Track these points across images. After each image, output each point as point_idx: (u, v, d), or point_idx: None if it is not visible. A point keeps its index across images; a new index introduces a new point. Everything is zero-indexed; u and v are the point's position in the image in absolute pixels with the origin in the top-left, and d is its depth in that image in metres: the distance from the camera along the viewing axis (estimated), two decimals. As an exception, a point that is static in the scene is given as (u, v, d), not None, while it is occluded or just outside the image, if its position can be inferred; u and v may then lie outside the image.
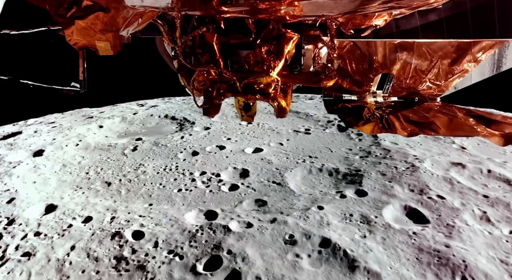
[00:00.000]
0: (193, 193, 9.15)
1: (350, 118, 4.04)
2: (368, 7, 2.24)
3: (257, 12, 2.34)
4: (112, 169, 10.10)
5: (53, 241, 8.09)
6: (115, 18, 2.50)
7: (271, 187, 9.01)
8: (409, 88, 3.87)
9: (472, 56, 3.51)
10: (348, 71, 3.89)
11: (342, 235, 7.65)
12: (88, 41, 2.77)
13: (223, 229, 7.34)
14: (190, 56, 2.82)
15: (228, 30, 2.75)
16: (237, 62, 2.87)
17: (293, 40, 2.71)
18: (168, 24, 2.86)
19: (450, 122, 3.61)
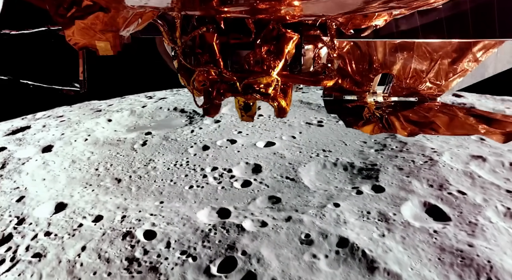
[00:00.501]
0: (205, 190, 9.28)
1: (350, 118, 4.05)
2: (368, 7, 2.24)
3: (257, 12, 2.35)
4: (121, 165, 9.98)
5: (63, 241, 8.14)
6: (115, 18, 2.50)
7: (284, 183, 8.78)
8: (409, 88, 3.89)
9: (472, 56, 3.53)
10: (348, 71, 3.90)
11: (360, 234, 7.55)
12: (88, 41, 2.74)
13: (237, 229, 7.15)
14: (190, 56, 2.86)
15: (228, 30, 2.77)
16: (237, 62, 2.89)
17: (293, 40, 2.74)
18: (168, 24, 2.88)
19: (450, 121, 3.62)
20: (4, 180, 10.05)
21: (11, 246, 7.68)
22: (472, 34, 2.76)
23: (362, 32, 2.88)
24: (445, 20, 2.76)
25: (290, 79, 2.90)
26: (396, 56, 3.64)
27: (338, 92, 4.08)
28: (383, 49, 3.63)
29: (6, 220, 8.28)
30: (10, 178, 10.09)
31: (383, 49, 3.63)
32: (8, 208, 8.69)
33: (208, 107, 3.05)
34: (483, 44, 3.39)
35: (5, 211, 8.61)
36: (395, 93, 3.93)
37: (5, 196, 9.18)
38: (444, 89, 3.75)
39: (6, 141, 13.93)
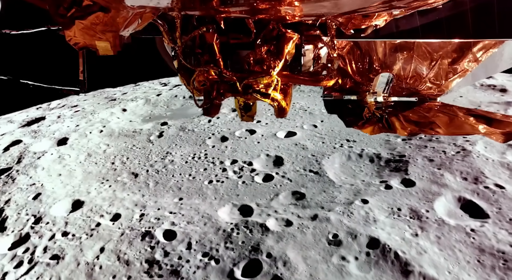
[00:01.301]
0: (225, 185, 9.53)
1: (350, 118, 4.13)
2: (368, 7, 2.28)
3: (257, 12, 2.41)
4: (138, 159, 9.81)
5: (81, 242, 8.22)
6: (115, 18, 2.52)
7: (308, 177, 8.42)
8: (409, 88, 3.95)
9: (472, 56, 3.58)
10: (348, 71, 3.95)
11: (391, 234, 7.30)
12: (88, 41, 2.75)
13: (261, 228, 6.85)
14: (190, 56, 2.93)
15: (228, 30, 2.83)
16: (237, 62, 2.94)
17: (293, 40, 2.80)
18: (168, 24, 2.94)
19: (450, 121, 3.71)
20: (20, 176, 9.98)
21: (28, 246, 7.71)
22: (472, 34, 2.80)
23: (362, 32, 2.93)
24: (445, 20, 2.79)
25: (290, 79, 2.96)
26: (396, 56, 3.70)
27: (338, 92, 4.12)
28: (383, 49, 3.70)
29: (23, 219, 8.17)
30: (26, 174, 10.06)
31: (383, 49, 3.70)
32: (24, 206, 8.61)
33: (208, 107, 3.09)
34: (483, 44, 3.44)
35: (22, 209, 8.52)
36: (395, 93, 3.98)
37: (21, 193, 9.10)
38: (444, 89, 3.80)
39: (22, 133, 14.24)
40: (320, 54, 3.18)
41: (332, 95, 4.11)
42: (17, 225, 8.45)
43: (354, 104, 4.12)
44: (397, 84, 3.88)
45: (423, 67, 3.70)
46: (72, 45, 2.71)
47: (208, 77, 2.87)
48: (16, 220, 8.59)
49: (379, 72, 3.83)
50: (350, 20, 2.71)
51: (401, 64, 3.72)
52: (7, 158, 11.74)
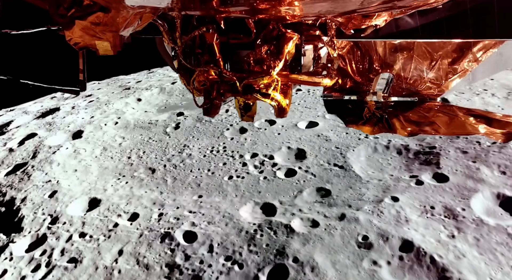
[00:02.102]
0: (246, 181, 9.42)
1: (350, 118, 4.16)
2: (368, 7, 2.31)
3: (257, 12, 2.45)
4: (155, 152, 9.59)
5: (99, 244, 8.15)
6: (115, 18, 2.49)
7: (333, 171, 8.02)
8: (409, 88, 3.94)
9: (472, 56, 3.54)
10: (348, 71, 3.94)
11: (425, 236, 6.93)
12: (88, 41, 2.70)
13: (285, 230, 6.54)
14: (190, 56, 2.94)
15: (228, 30, 2.84)
16: (237, 62, 2.96)
17: (293, 40, 2.81)
18: (168, 24, 2.97)
19: (450, 121, 3.70)
20: (36, 172, 9.88)
21: (46, 249, 7.67)
22: (472, 34, 2.80)
23: (362, 32, 2.94)
24: (445, 20, 2.80)
25: (290, 79, 3.01)
26: (396, 56, 3.71)
27: (338, 92, 4.14)
28: (383, 49, 3.71)
29: (40, 219, 8.04)
30: (42, 170, 10.03)
31: (383, 49, 3.71)
32: (41, 204, 8.51)
33: (208, 107, 3.14)
34: (483, 44, 3.46)
35: (39, 208, 8.42)
36: (395, 93, 3.99)
37: (37, 191, 9.02)
38: (444, 89, 3.81)
39: (37, 126, 14.39)
40: (320, 54, 3.23)
41: (332, 95, 4.14)
42: (33, 225, 8.34)
43: (354, 104, 4.14)
44: (397, 84, 3.90)
45: (423, 67, 3.72)
46: (72, 45, 2.72)
47: (208, 77, 2.91)
48: (32, 220, 8.52)
49: (379, 72, 3.85)
50: (350, 20, 2.73)
51: (401, 64, 3.74)
52: (23, 152, 11.68)
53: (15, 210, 9.41)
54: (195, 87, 3.07)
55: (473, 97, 10.89)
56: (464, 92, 11.20)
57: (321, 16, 2.70)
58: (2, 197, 10.10)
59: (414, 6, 2.45)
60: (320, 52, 3.25)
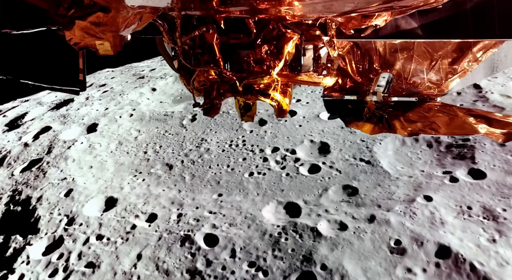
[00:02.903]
0: (267, 178, 9.20)
1: (350, 118, 4.21)
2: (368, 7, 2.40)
3: (257, 12, 2.55)
4: (172, 147, 9.50)
5: (117, 247, 8.01)
6: (115, 18, 2.58)
7: (359, 167, 7.65)
8: (409, 88, 3.96)
9: (472, 56, 3.58)
10: (348, 71, 3.98)
11: (463, 240, 6.53)
12: (88, 41, 2.79)
13: (312, 233, 6.29)
14: (190, 56, 3.04)
15: (228, 30, 2.91)
16: (237, 62, 3.04)
17: (293, 40, 2.89)
18: (168, 24, 3.03)
19: (450, 121, 3.77)
20: (51, 169, 9.84)
21: (63, 252, 7.92)
22: (472, 34, 2.84)
23: (362, 32, 2.96)
24: (445, 20, 2.82)
25: (290, 79, 3.06)
26: (396, 56, 3.74)
27: (338, 92, 4.18)
28: (383, 49, 3.74)
29: (56, 219, 7.96)
30: (57, 167, 10.14)
31: (383, 49, 3.74)
32: (57, 204, 8.45)
33: (208, 107, 3.16)
34: (483, 44, 3.47)
35: (54, 208, 8.38)
36: (395, 93, 4.04)
37: (53, 189, 9.01)
38: (444, 89, 3.85)
39: (51, 118, 14.42)
40: (320, 54, 3.28)
41: (332, 95, 4.18)
42: (50, 226, 8.25)
43: (354, 104, 4.18)
44: (397, 84, 3.96)
45: (423, 67, 3.78)
46: (72, 45, 2.79)
47: (208, 77, 2.99)
48: (48, 221, 8.48)
49: (379, 72, 3.90)
50: (350, 20, 2.77)
51: (401, 64, 3.80)
52: (38, 147, 11.64)
53: (31, 210, 9.38)
54: (195, 87, 3.13)
55: (508, 82, 10.22)
56: (498, 77, 10.55)
57: (321, 16, 2.75)
58: (18, 195, 10.05)
59: (414, 6, 2.50)
60: (320, 52, 3.29)
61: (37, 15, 3.17)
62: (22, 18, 3.33)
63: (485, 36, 3.00)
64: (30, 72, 4.18)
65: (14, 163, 11.83)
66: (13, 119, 14.98)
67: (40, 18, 3.20)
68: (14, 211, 9.67)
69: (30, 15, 3.25)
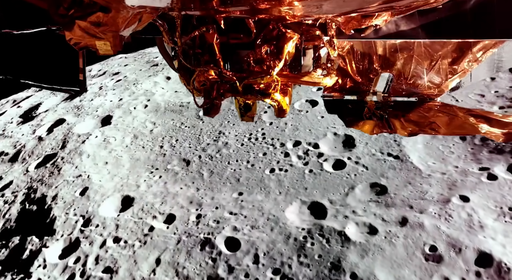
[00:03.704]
0: (290, 174, 8.97)
1: (350, 118, 4.22)
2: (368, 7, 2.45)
3: (257, 12, 2.60)
4: (188, 140, 9.24)
5: (135, 251, 7.76)
6: (115, 18, 2.61)
7: (387, 162, 7.19)
8: (409, 88, 3.99)
9: (472, 56, 3.58)
10: (348, 71, 4.01)
11: (506, 246, 6.04)
12: (88, 41, 2.82)
13: (339, 238, 5.93)
14: (190, 56, 3.08)
15: (228, 30, 2.96)
16: (237, 62, 3.08)
17: (293, 40, 2.92)
18: (168, 24, 3.08)
19: (450, 121, 3.78)
20: (66, 165, 9.75)
21: (79, 256, 8.75)
22: (472, 34, 2.87)
23: (362, 32, 2.99)
24: (445, 20, 2.84)
25: (290, 79, 3.09)
26: (396, 56, 3.76)
27: (338, 92, 4.16)
28: (383, 49, 3.77)
29: (72, 220, 7.81)
30: (72, 163, 10.19)
31: (383, 49, 3.77)
32: (72, 203, 8.32)
33: (208, 107, 3.19)
34: (483, 44, 3.47)
35: (70, 208, 8.30)
36: (395, 93, 4.01)
37: (68, 188, 8.94)
38: (444, 89, 3.86)
39: (65, 110, 14.26)
40: (320, 54, 3.30)
41: (332, 95, 4.21)
42: (66, 227, 8.17)
43: (354, 104, 4.19)
44: (397, 84, 3.98)
45: (423, 67, 3.79)
46: (72, 45, 2.83)
47: (208, 77, 3.02)
48: (64, 222, 8.41)
49: (379, 72, 3.92)
50: (350, 20, 2.78)
51: (401, 64, 3.81)
52: (52, 141, 11.60)
53: (46, 209, 9.24)
54: (195, 87, 3.16)
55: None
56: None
57: (321, 16, 2.79)
58: (33, 193, 9.99)
59: (414, 6, 2.54)
60: (320, 52, 3.31)
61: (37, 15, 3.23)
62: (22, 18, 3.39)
63: (485, 36, 3.07)
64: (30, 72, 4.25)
65: (29, 158, 11.95)
66: (27, 110, 15.28)
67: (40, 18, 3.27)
68: (29, 210, 9.81)
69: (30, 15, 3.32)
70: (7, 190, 10.60)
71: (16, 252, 8.61)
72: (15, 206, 9.92)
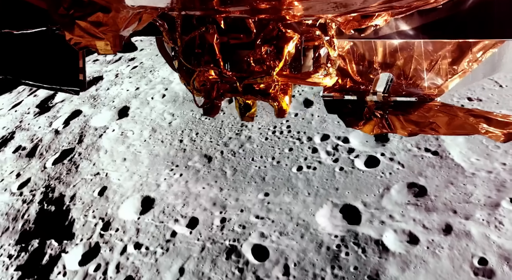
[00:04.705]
0: (319, 173, 8.18)
1: (350, 118, 4.24)
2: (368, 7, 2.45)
3: (257, 12, 2.60)
4: (209, 134, 8.95)
5: (157, 259, 7.33)
6: (115, 18, 2.57)
7: (425, 159, 6.70)
8: (409, 88, 3.97)
9: (472, 56, 3.61)
10: (348, 71, 4.06)
11: None
12: (88, 41, 2.75)
13: (377, 247, 5.47)
14: (190, 56, 3.08)
15: (228, 30, 3.00)
16: (237, 62, 3.07)
17: (293, 40, 2.91)
18: (168, 24, 3.13)
19: (450, 121, 3.75)
20: (83, 162, 9.58)
21: (100, 262, 7.76)
22: (472, 34, 2.87)
23: (362, 32, 3.00)
24: (445, 20, 2.83)
25: (290, 79, 3.07)
26: (396, 56, 3.79)
27: (338, 92, 4.19)
28: (383, 49, 3.80)
29: (91, 223, 7.58)
30: (89, 159, 10.10)
31: (383, 49, 3.80)
32: (91, 205, 8.19)
33: (208, 107, 3.22)
34: (483, 44, 3.50)
35: (89, 210, 8.14)
36: (395, 93, 4.00)
37: (86, 187, 8.81)
38: (444, 89, 3.84)
39: (81, 100, 13.94)
40: (320, 54, 3.26)
41: (332, 95, 4.21)
42: (85, 231, 7.96)
43: (354, 104, 4.16)
44: (397, 84, 3.96)
45: (423, 67, 3.75)
46: (72, 45, 2.77)
47: (208, 77, 3.03)
48: (83, 225, 8.26)
49: (379, 72, 3.91)
50: (350, 20, 2.77)
51: (401, 64, 3.79)
52: (68, 135, 11.53)
53: (64, 210, 9.04)
54: (195, 87, 3.16)
55: None
56: None
57: (321, 16, 2.82)
58: (51, 193, 9.89)
59: (414, 6, 2.51)
60: (320, 52, 3.28)
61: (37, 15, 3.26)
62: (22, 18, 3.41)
63: (485, 36, 3.05)
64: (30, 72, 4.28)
65: (46, 153, 12.01)
66: (44, 100, 15.43)
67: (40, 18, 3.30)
68: (48, 210, 9.81)
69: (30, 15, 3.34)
70: (25, 189, 10.60)
71: (35, 257, 8.54)
72: (33, 206, 9.89)
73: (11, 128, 13.86)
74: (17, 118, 14.43)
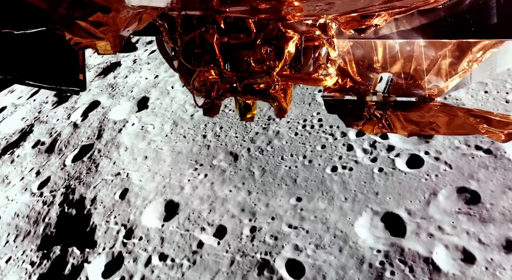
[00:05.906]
0: (355, 174, 7.40)
1: (350, 118, 4.32)
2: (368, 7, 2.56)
3: (257, 12, 2.68)
4: (234, 128, 8.51)
5: (183, 273, 6.82)
6: (115, 18, 2.60)
7: (476, 159, 6.11)
8: (409, 88, 4.01)
9: (472, 56, 3.69)
10: (348, 71, 4.14)
11: None
12: (88, 41, 2.81)
13: (426, 266, 4.64)
14: (190, 56, 3.15)
15: (228, 30, 3.08)
16: (237, 62, 3.15)
17: (293, 40, 2.99)
18: (168, 24, 3.20)
19: (450, 121, 3.81)
20: (103, 160, 9.43)
21: (123, 275, 7.33)
22: (472, 34, 2.87)
23: (362, 32, 2.98)
24: (445, 20, 2.88)
25: (290, 79, 3.14)
26: (396, 56, 3.82)
27: (338, 92, 4.25)
28: (383, 49, 3.85)
29: (113, 230, 7.31)
30: (109, 157, 10.21)
31: (383, 49, 3.85)
32: (112, 209, 7.98)
33: (208, 107, 3.33)
34: (483, 44, 3.59)
35: (110, 215, 7.90)
36: (395, 93, 4.05)
37: (107, 188, 8.75)
38: (444, 89, 3.92)
39: (99, 89, 13.60)
40: (320, 54, 3.35)
41: (332, 95, 4.27)
42: (107, 239, 7.77)
43: (354, 104, 4.20)
44: (397, 84, 4.00)
45: (423, 67, 3.79)
46: (72, 45, 2.83)
47: (208, 77, 3.12)
48: (105, 232, 7.79)
49: (379, 72, 3.97)
50: (350, 20, 2.81)
51: (401, 64, 3.83)
52: (87, 129, 11.41)
53: (86, 214, 8.68)
54: (195, 87, 3.21)
55: None
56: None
57: (321, 16, 2.89)
58: (71, 194, 9.81)
59: (414, 6, 2.61)
60: (320, 52, 3.34)
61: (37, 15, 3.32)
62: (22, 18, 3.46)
63: (485, 36, 3.11)
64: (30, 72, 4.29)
65: (65, 148, 12.28)
66: None
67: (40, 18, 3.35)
68: (68, 214, 9.56)
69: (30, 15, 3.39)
70: (45, 189, 10.56)
71: (57, 265, 8.39)
72: (54, 208, 9.82)
73: (30, 120, 14.06)
74: (35, 108, 14.64)
